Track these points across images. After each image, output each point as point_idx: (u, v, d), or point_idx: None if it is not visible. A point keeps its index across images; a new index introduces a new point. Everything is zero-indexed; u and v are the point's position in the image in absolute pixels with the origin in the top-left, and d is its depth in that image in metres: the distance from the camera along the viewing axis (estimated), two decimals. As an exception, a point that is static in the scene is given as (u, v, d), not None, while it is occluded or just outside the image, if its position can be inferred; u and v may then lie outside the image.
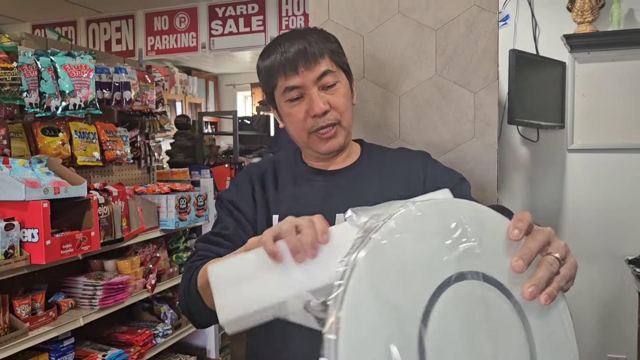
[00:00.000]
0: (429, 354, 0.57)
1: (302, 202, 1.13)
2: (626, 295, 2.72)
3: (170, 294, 3.04)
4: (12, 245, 1.86)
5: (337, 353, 0.54)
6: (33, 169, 2.05)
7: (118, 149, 2.61)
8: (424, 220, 0.62)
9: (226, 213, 1.17)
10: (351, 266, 0.58)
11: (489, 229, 0.65)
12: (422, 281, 0.59)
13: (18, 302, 2.01)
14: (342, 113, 1.10)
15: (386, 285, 0.58)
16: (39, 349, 2.13)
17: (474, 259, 0.62)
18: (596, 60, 2.73)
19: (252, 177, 1.19)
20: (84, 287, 2.31)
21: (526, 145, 2.82)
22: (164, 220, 2.72)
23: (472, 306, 0.61)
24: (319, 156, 1.16)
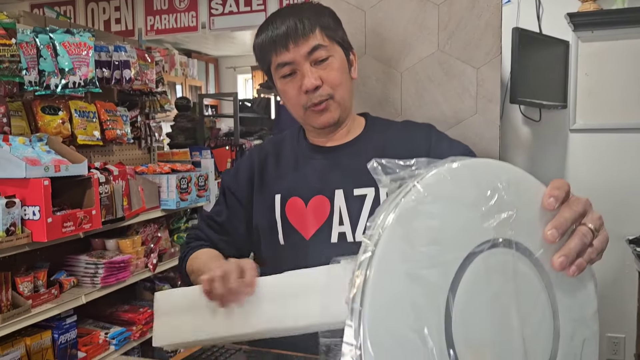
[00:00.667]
0: (455, 324, 0.55)
1: (302, 181, 1.14)
2: (626, 274, 2.73)
3: (171, 274, 3.06)
4: (13, 222, 1.86)
5: (362, 318, 0.52)
6: (33, 147, 2.04)
7: (118, 129, 2.61)
8: (456, 185, 0.58)
9: (223, 199, 1.23)
10: (380, 229, 0.55)
11: (525, 196, 0.61)
12: (452, 249, 0.56)
13: (20, 279, 2.02)
14: (335, 87, 1.08)
15: (415, 251, 0.55)
16: (42, 326, 2.15)
17: (507, 227, 0.59)
18: (600, 39, 2.70)
19: (253, 161, 1.21)
20: (85, 265, 2.32)
21: (528, 124, 2.81)
22: (165, 200, 2.72)
23: (502, 276, 0.58)
24: (317, 131, 1.16)
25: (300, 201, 1.12)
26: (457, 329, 0.55)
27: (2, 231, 1.82)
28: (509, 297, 0.58)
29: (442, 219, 0.57)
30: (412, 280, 0.54)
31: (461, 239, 0.57)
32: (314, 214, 1.11)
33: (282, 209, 1.13)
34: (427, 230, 0.56)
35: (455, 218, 0.57)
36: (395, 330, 0.52)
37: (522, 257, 0.60)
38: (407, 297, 0.53)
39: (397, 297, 0.53)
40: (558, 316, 0.63)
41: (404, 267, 0.54)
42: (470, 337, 0.55)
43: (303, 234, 1.11)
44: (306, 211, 1.11)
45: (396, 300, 0.53)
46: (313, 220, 1.11)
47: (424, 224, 0.56)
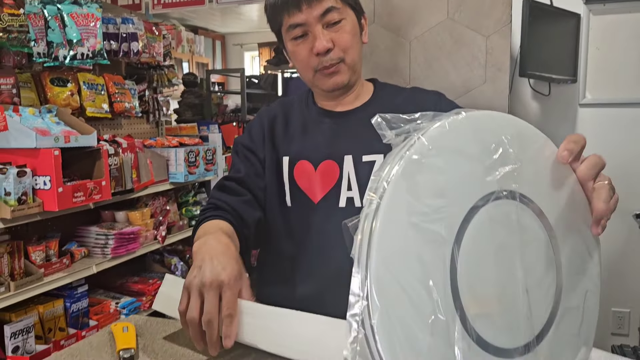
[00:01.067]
0: (461, 276, 0.55)
1: (311, 145, 1.14)
2: (632, 250, 2.73)
3: (180, 247, 3.09)
4: (25, 192, 1.88)
5: (369, 269, 0.53)
6: (43, 118, 2.06)
7: (126, 102, 2.61)
8: (461, 138, 0.59)
9: (239, 157, 1.19)
10: (385, 182, 0.56)
11: (531, 149, 0.62)
12: (456, 201, 0.57)
13: (32, 248, 2.05)
14: (347, 51, 1.08)
15: (420, 203, 0.55)
16: (54, 295, 2.19)
17: (511, 180, 0.60)
18: (612, 12, 2.66)
19: (263, 121, 1.20)
20: (96, 236, 2.35)
21: (537, 99, 2.79)
22: (173, 173, 2.74)
23: (506, 228, 0.59)
24: (326, 94, 1.16)
25: (310, 165, 1.12)
26: (462, 280, 0.55)
27: (14, 200, 1.84)
28: (513, 248, 0.59)
29: (447, 172, 0.57)
30: (417, 232, 0.54)
31: (465, 191, 0.58)
32: (323, 179, 1.11)
33: (290, 172, 1.13)
34: (431, 182, 0.56)
35: (460, 170, 0.58)
36: (401, 281, 0.53)
37: (527, 210, 0.61)
38: (412, 248, 0.54)
39: (403, 249, 0.54)
40: (561, 268, 0.63)
41: (409, 218, 0.55)
42: (475, 288, 0.56)
43: (311, 197, 1.12)
44: (315, 175, 1.12)
45: (401, 251, 0.54)
46: (322, 184, 1.11)
47: (428, 177, 0.56)
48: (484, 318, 0.56)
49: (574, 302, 0.65)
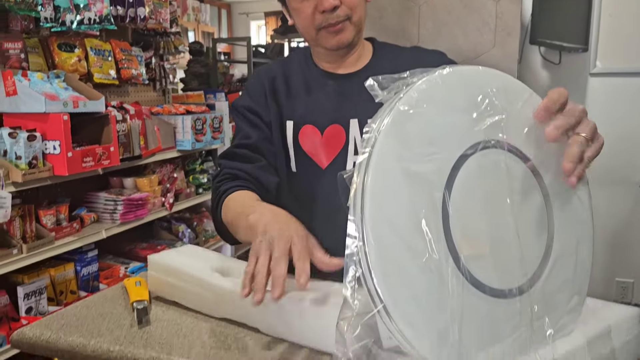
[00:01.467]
0: (453, 219, 0.58)
1: (316, 108, 1.11)
2: (637, 220, 2.74)
3: (187, 215, 3.12)
4: (35, 156, 1.90)
5: (363, 213, 0.55)
6: (51, 84, 2.06)
7: (133, 68, 2.61)
8: (448, 90, 0.62)
9: (245, 122, 1.15)
10: (376, 133, 0.58)
11: (516, 101, 0.64)
12: (445, 149, 0.60)
13: (43, 212, 2.08)
14: (354, 9, 1.05)
15: (410, 152, 0.58)
16: (65, 259, 2.23)
17: (498, 130, 0.62)
18: (626, -21, 2.61)
19: (263, 81, 1.16)
20: (105, 202, 2.38)
21: (547, 68, 2.76)
22: (181, 140, 2.75)
23: (495, 175, 0.62)
24: (328, 54, 1.12)
25: (316, 130, 1.10)
26: (454, 222, 0.58)
27: (25, 164, 1.86)
28: (502, 195, 0.62)
29: (434, 122, 0.60)
30: (408, 177, 0.58)
31: (454, 140, 0.61)
32: (329, 144, 1.10)
33: (295, 137, 1.11)
34: (420, 132, 0.59)
35: (447, 120, 0.61)
36: (394, 223, 0.56)
37: (515, 159, 0.64)
38: (404, 193, 0.57)
39: (395, 193, 0.57)
40: (552, 215, 0.66)
41: (400, 165, 0.58)
42: (467, 231, 0.59)
43: (318, 163, 1.10)
44: (321, 140, 1.10)
45: (394, 196, 0.57)
46: (328, 149, 1.10)
47: (417, 127, 0.59)
48: (476, 260, 0.59)
49: (566, 249, 0.67)
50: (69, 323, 0.82)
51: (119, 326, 0.81)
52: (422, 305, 0.55)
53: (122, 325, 0.81)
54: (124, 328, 0.81)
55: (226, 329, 0.80)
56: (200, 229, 3.09)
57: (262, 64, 5.07)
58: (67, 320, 0.83)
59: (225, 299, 0.81)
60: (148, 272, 0.93)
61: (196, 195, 2.96)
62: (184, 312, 0.86)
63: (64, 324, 0.82)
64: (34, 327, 0.82)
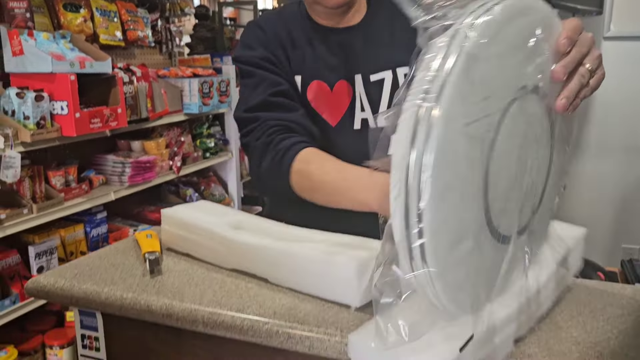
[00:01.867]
0: (491, 173, 0.54)
1: (322, 64, 1.08)
2: (646, 187, 2.73)
3: (195, 179, 3.14)
4: (43, 116, 1.90)
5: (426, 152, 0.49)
6: (57, 44, 2.05)
7: (139, 30, 2.58)
8: (506, 28, 0.54)
9: (267, 72, 1.05)
10: (440, 75, 0.50)
11: (551, 38, 0.60)
12: (499, 95, 0.54)
13: (52, 173, 2.10)
14: None
15: (472, 102, 0.52)
16: (75, 220, 2.25)
17: (539, 72, 0.58)
18: (644, -62, 2.53)
19: (267, 31, 1.09)
20: (113, 164, 2.39)
21: (559, 32, 2.71)
22: (188, 104, 2.74)
23: (527, 122, 0.59)
24: (327, 11, 1.07)
25: (325, 86, 1.08)
26: (491, 177, 0.55)
27: (33, 124, 1.87)
28: (530, 141, 0.59)
29: (495, 65, 0.53)
30: (466, 132, 0.52)
31: (507, 85, 0.56)
32: (338, 100, 1.08)
33: (303, 92, 1.08)
34: (483, 77, 0.52)
35: (505, 64, 0.55)
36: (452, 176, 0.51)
37: (541, 103, 0.61)
38: (462, 150, 0.52)
39: (455, 151, 0.51)
40: (554, 150, 0.65)
41: (464, 119, 0.51)
42: (499, 182, 0.56)
43: (329, 120, 1.08)
44: (331, 96, 1.08)
45: (454, 153, 0.51)
46: (337, 106, 1.08)
47: (480, 71, 0.52)
48: (500, 211, 0.57)
49: (553, 184, 0.67)
50: (82, 272, 0.84)
51: (131, 275, 0.82)
52: (454, 254, 0.53)
53: (134, 275, 0.83)
54: (136, 277, 0.82)
55: (237, 279, 0.81)
56: (208, 193, 3.10)
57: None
58: (81, 270, 0.85)
59: (236, 251, 0.82)
60: (161, 225, 0.94)
61: (203, 160, 2.96)
62: (195, 263, 0.87)
63: (77, 273, 0.84)
64: (48, 275, 0.83)
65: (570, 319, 0.69)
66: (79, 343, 0.84)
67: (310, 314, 0.69)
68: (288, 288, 0.77)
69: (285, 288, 0.77)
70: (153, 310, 0.74)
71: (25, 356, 2.00)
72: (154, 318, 0.74)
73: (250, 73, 1.07)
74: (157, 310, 0.73)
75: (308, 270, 0.74)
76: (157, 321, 0.74)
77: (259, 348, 0.71)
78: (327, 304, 0.72)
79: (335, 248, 0.74)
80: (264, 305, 0.72)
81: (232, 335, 0.70)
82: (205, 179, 3.19)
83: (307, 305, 0.72)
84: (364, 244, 0.76)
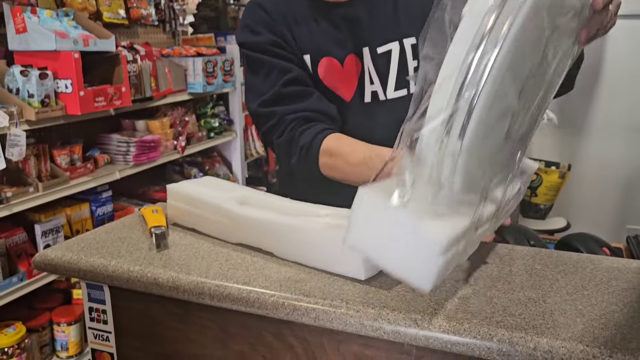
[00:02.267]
0: (529, 76, 0.62)
1: (331, 39, 1.06)
2: (652, 167, 2.72)
3: (199, 159, 3.14)
4: (47, 94, 1.90)
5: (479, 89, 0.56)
6: (61, 22, 2.03)
7: (143, 8, 2.56)
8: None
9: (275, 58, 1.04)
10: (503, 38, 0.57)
11: None
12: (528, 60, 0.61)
13: (57, 152, 2.10)
14: None
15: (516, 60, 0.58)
16: (80, 199, 2.26)
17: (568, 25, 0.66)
18: None
19: (270, 11, 1.07)
20: (117, 143, 2.39)
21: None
22: (192, 83, 2.72)
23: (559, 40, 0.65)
24: None
25: (336, 62, 1.07)
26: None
27: (38, 102, 1.86)
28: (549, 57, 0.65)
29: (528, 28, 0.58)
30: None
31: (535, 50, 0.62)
32: (349, 75, 1.07)
33: (314, 70, 1.07)
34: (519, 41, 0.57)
35: (536, 27, 0.60)
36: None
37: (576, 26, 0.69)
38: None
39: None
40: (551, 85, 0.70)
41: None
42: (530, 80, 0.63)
43: (343, 96, 1.08)
44: (342, 72, 1.07)
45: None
46: (350, 81, 1.07)
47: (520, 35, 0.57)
48: (519, 110, 0.64)
49: (540, 109, 0.71)
50: (89, 246, 0.84)
51: (138, 249, 0.83)
52: (484, 134, 0.59)
53: (141, 249, 0.83)
54: (142, 251, 0.82)
55: (242, 253, 0.81)
56: (212, 172, 3.11)
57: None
58: (87, 243, 0.85)
59: (242, 226, 0.83)
60: (167, 201, 0.94)
61: (207, 139, 2.96)
62: (201, 237, 0.88)
63: (84, 246, 0.84)
64: (55, 249, 0.84)
65: (575, 292, 0.69)
66: (87, 316, 0.85)
67: (316, 287, 0.70)
68: (294, 262, 0.77)
69: (291, 262, 0.78)
70: (160, 283, 0.74)
71: (34, 332, 2.03)
72: (160, 291, 0.75)
73: (259, 61, 1.06)
74: (164, 283, 0.74)
75: (313, 244, 0.75)
76: (164, 294, 0.75)
77: (265, 320, 0.71)
78: (333, 277, 0.73)
79: (340, 221, 0.74)
80: (270, 278, 0.73)
81: (238, 308, 0.70)
82: (210, 158, 3.19)
83: (313, 278, 0.73)
84: None
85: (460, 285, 0.71)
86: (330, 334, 0.69)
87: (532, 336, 0.59)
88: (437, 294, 0.68)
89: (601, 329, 0.60)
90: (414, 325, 0.62)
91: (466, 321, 0.62)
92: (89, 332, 0.85)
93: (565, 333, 0.59)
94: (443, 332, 0.61)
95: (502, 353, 0.59)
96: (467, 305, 0.65)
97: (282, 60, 1.04)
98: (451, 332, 0.61)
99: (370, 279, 0.72)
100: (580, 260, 0.79)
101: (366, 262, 0.70)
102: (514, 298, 0.67)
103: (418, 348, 0.65)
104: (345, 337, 0.69)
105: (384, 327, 0.63)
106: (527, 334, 0.59)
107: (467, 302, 0.66)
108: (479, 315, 0.63)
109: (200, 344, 0.78)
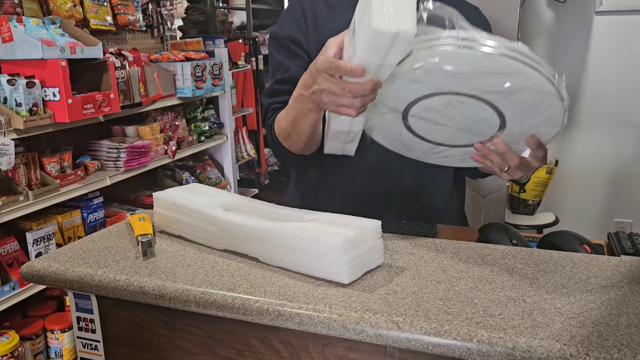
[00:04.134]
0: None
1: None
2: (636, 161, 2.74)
3: (190, 163, 3.14)
4: (35, 103, 1.90)
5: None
6: (47, 30, 2.03)
7: (130, 14, 2.56)
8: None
9: (284, 54, 1.11)
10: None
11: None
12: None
13: (47, 160, 2.10)
14: None
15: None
16: (72, 206, 2.26)
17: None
18: None
19: (303, 5, 1.12)
20: (108, 150, 2.39)
21: (552, 7, 2.69)
22: (181, 88, 2.73)
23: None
24: None
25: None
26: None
27: (26, 111, 1.86)
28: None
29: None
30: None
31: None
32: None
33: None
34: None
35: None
36: None
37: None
38: None
39: None
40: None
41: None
42: None
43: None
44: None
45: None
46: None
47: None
48: None
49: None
50: (75, 255, 0.85)
51: (124, 258, 0.84)
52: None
53: (127, 257, 0.84)
54: (129, 259, 0.83)
55: (228, 259, 0.82)
56: (204, 176, 3.11)
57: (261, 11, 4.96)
58: (74, 253, 0.86)
59: (227, 232, 0.83)
60: (153, 208, 0.95)
61: (198, 143, 2.96)
62: (187, 244, 0.89)
63: (70, 256, 0.85)
64: (42, 260, 0.84)
65: (555, 290, 0.70)
66: (75, 325, 0.85)
67: (300, 292, 0.71)
68: (279, 267, 0.78)
69: (276, 267, 0.78)
70: (146, 291, 0.75)
71: (27, 341, 2.03)
72: (147, 299, 0.75)
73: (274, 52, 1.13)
74: (150, 291, 0.75)
75: (297, 249, 0.75)
76: (150, 302, 0.75)
77: (251, 326, 0.72)
78: (317, 281, 0.74)
79: (323, 226, 0.75)
80: (255, 284, 0.73)
81: (224, 314, 0.71)
82: (201, 162, 3.20)
83: (297, 283, 0.74)
84: (352, 222, 0.77)
85: (442, 286, 0.72)
86: (315, 337, 0.70)
87: (510, 336, 0.60)
88: (419, 295, 0.69)
89: (579, 327, 0.62)
90: (395, 328, 0.63)
91: (447, 322, 0.63)
92: (78, 342, 0.86)
93: (543, 332, 0.60)
94: (424, 334, 0.62)
95: (482, 353, 0.60)
96: (448, 306, 0.67)
97: (288, 57, 1.11)
98: (432, 333, 0.62)
99: (354, 283, 0.73)
100: (561, 258, 0.80)
101: (349, 265, 0.72)
102: (495, 298, 0.68)
103: (400, 350, 0.66)
104: (329, 341, 0.70)
105: (367, 330, 0.64)
106: (506, 334, 0.60)
107: (448, 303, 0.67)
108: (460, 316, 0.64)
109: (187, 350, 0.79)
